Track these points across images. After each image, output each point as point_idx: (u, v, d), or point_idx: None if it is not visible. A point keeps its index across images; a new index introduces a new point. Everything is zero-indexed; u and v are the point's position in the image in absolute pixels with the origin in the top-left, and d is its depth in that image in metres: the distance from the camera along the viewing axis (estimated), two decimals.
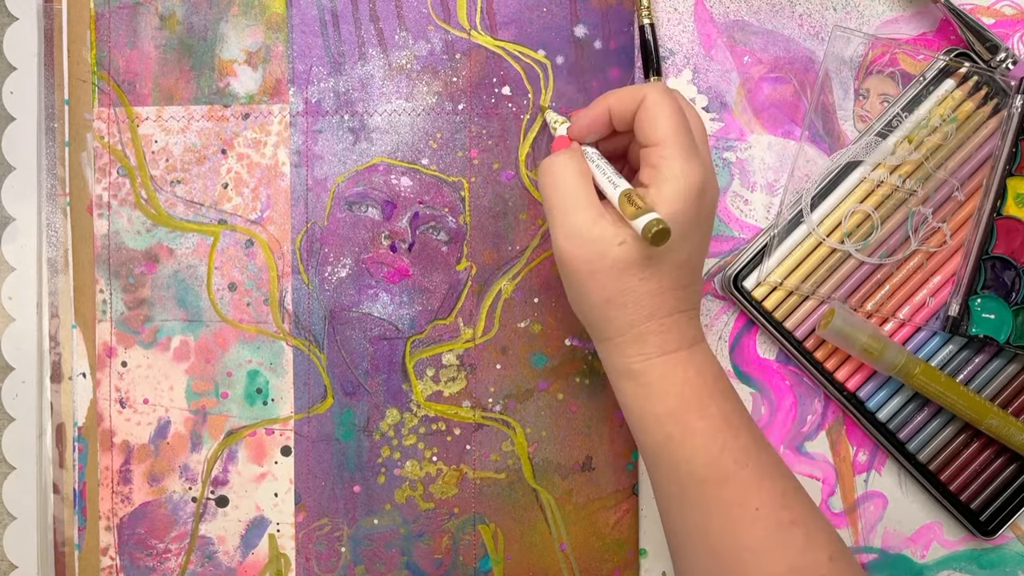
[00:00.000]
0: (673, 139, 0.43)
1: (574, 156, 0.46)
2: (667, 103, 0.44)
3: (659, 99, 0.44)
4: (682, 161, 0.43)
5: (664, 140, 0.43)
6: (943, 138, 0.53)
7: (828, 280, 0.53)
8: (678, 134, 0.43)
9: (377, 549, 0.54)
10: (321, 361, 0.54)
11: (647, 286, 0.43)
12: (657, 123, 0.44)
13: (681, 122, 0.44)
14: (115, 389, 0.54)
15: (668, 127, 0.44)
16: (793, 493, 0.44)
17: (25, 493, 0.54)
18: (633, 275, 0.43)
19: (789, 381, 0.54)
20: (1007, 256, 0.52)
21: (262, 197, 0.54)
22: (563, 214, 0.44)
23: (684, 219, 0.43)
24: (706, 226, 0.45)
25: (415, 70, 0.53)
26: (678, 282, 0.44)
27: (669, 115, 0.44)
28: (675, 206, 0.43)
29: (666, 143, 0.43)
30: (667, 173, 0.43)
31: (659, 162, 0.43)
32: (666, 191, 0.43)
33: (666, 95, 0.44)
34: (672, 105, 0.44)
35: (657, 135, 0.44)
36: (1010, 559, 0.54)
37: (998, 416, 0.51)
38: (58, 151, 0.54)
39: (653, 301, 0.44)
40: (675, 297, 0.44)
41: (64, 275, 0.54)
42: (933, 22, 0.55)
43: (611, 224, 0.43)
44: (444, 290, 0.54)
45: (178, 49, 0.53)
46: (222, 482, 0.54)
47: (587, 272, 0.44)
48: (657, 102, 0.44)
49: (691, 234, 0.44)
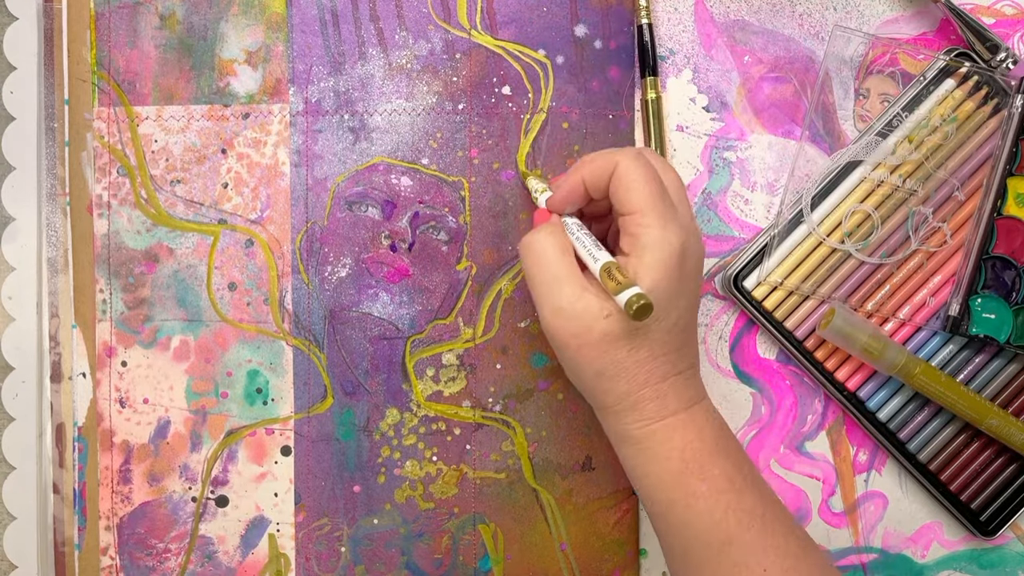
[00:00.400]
0: (649, 206, 0.43)
1: (553, 232, 0.45)
2: (639, 170, 0.44)
3: (631, 167, 0.44)
4: (660, 228, 0.43)
5: (640, 208, 0.43)
6: (943, 138, 0.53)
7: (828, 280, 0.53)
8: (653, 200, 0.43)
9: (377, 549, 0.54)
10: (321, 361, 0.54)
11: (637, 356, 0.43)
12: (631, 192, 0.44)
13: (655, 188, 0.44)
14: (115, 389, 0.54)
15: (642, 195, 0.43)
16: (801, 551, 0.44)
17: (25, 493, 0.54)
18: (621, 347, 0.43)
19: (789, 381, 0.54)
20: (1007, 256, 0.52)
21: (262, 197, 0.54)
22: (547, 291, 0.44)
23: (667, 286, 0.43)
24: (692, 287, 0.45)
25: (415, 70, 0.53)
26: (669, 347, 0.44)
27: (643, 182, 0.43)
28: (656, 275, 0.43)
29: (642, 211, 0.43)
30: (646, 241, 0.43)
31: (637, 231, 0.43)
32: (647, 260, 0.43)
33: (637, 161, 0.44)
34: (645, 171, 0.44)
35: (632, 204, 0.43)
36: (1010, 559, 0.54)
37: (998, 416, 0.51)
38: (58, 151, 0.54)
39: (645, 369, 0.44)
40: (668, 361, 0.44)
41: (64, 275, 0.54)
42: (933, 22, 0.55)
43: (595, 297, 0.43)
44: (444, 290, 0.54)
45: (178, 49, 0.53)
46: (222, 482, 0.54)
47: (576, 347, 0.44)
48: (629, 170, 0.44)
49: (677, 299, 0.44)
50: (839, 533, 0.54)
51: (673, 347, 0.44)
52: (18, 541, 0.53)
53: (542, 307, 0.44)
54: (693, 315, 0.45)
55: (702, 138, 0.54)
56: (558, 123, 0.53)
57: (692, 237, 0.44)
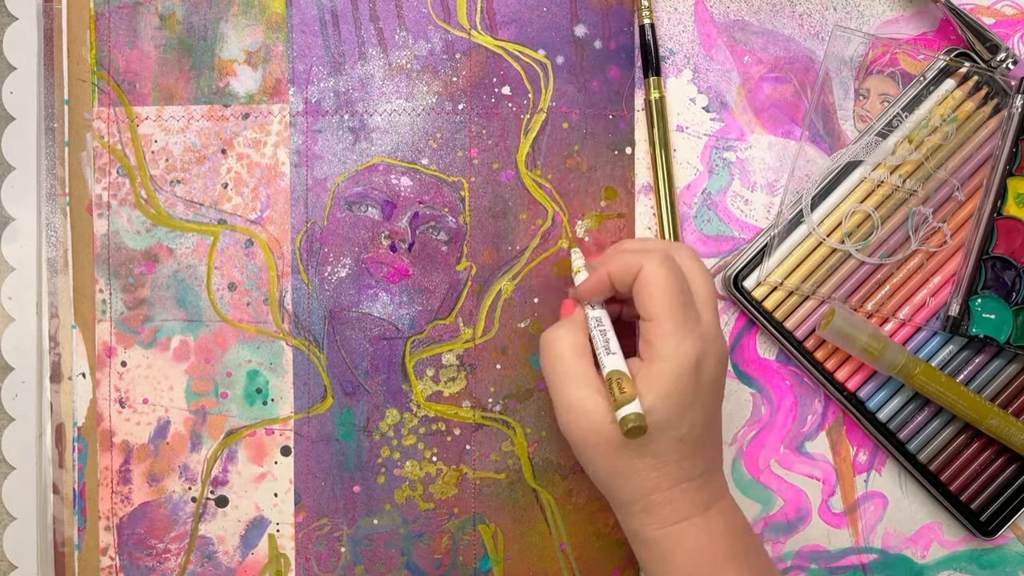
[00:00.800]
0: (667, 316, 0.43)
1: (571, 330, 0.46)
2: (662, 276, 0.43)
3: (654, 272, 0.44)
4: (675, 339, 0.43)
5: (657, 317, 0.43)
6: (943, 138, 0.53)
7: (828, 280, 0.53)
8: (672, 310, 0.43)
9: (377, 549, 0.54)
10: (321, 361, 0.54)
11: (645, 462, 0.43)
12: (651, 299, 0.43)
13: (676, 296, 0.43)
14: (115, 389, 0.54)
15: (661, 304, 0.43)
16: None
17: (25, 493, 0.53)
18: (629, 452, 0.43)
19: (789, 381, 0.54)
20: (1007, 256, 0.52)
21: (262, 197, 0.54)
22: (560, 389, 0.45)
23: (678, 398, 0.43)
24: (708, 397, 0.44)
25: (415, 70, 0.53)
26: (680, 454, 0.44)
27: (664, 290, 0.43)
28: (665, 387, 0.43)
29: (658, 320, 0.43)
30: (659, 351, 0.43)
31: (653, 339, 0.43)
32: (656, 370, 0.43)
33: (663, 266, 0.44)
34: (667, 278, 0.43)
35: (650, 311, 0.43)
36: (1010, 559, 0.54)
37: (998, 416, 0.51)
38: (58, 151, 0.54)
39: (656, 475, 0.44)
40: (680, 468, 0.44)
41: (64, 275, 0.54)
42: (933, 22, 0.55)
43: (604, 400, 0.43)
44: (444, 290, 0.54)
45: (178, 49, 0.53)
46: (222, 482, 0.54)
47: (587, 445, 0.44)
48: (651, 276, 0.44)
49: (689, 409, 0.43)
50: (839, 533, 0.54)
51: (686, 454, 0.44)
52: (18, 541, 0.53)
53: (556, 403, 0.45)
54: (710, 423, 0.45)
55: (702, 138, 0.54)
56: (558, 123, 0.53)
57: (712, 346, 0.44)
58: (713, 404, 0.45)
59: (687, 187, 0.54)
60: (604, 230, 0.54)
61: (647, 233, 0.54)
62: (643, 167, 0.54)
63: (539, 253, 0.53)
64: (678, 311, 0.43)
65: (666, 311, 0.43)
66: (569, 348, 0.45)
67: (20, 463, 0.54)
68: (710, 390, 0.44)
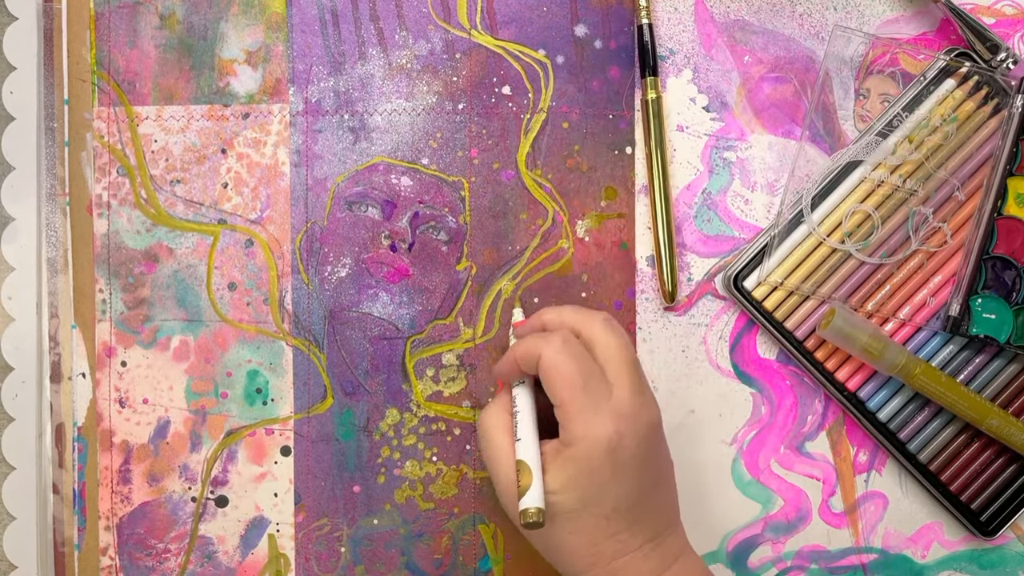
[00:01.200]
0: (570, 401, 0.43)
1: (496, 412, 0.46)
2: (560, 363, 0.43)
3: (551, 359, 0.43)
4: (582, 423, 0.42)
5: (562, 403, 0.43)
6: (944, 138, 0.53)
7: (828, 280, 0.53)
8: (573, 396, 0.43)
9: (377, 549, 0.54)
10: (321, 361, 0.53)
11: (577, 539, 0.43)
12: (553, 386, 0.43)
13: (576, 382, 0.43)
14: (115, 389, 0.54)
15: (562, 390, 0.43)
16: None
17: (25, 493, 0.53)
18: (560, 528, 0.43)
19: (789, 381, 0.54)
20: (1008, 256, 0.52)
21: (262, 197, 0.54)
22: (491, 469, 0.45)
23: (592, 479, 0.42)
24: (633, 470, 0.43)
25: (415, 70, 0.53)
26: (612, 531, 0.43)
27: (564, 377, 0.43)
28: (578, 470, 0.42)
29: (564, 406, 0.43)
30: (570, 435, 0.43)
31: (563, 423, 0.43)
32: (568, 454, 0.43)
33: (561, 352, 0.43)
34: (566, 364, 0.43)
35: (555, 398, 0.43)
36: (1010, 559, 0.54)
37: (999, 416, 0.51)
38: (58, 151, 0.54)
39: (592, 551, 0.43)
40: (617, 542, 0.43)
41: (64, 275, 0.54)
42: (934, 22, 0.55)
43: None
44: (444, 290, 0.54)
45: (178, 49, 0.53)
46: (222, 482, 0.54)
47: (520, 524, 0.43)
48: (549, 363, 0.43)
49: (609, 488, 0.43)
50: (839, 533, 0.54)
51: (619, 528, 0.43)
52: (18, 541, 0.53)
53: (493, 481, 0.46)
54: (648, 491, 0.44)
55: (702, 138, 0.54)
56: (558, 123, 0.53)
57: (629, 421, 0.43)
58: (642, 475, 0.44)
59: (687, 187, 0.54)
60: (604, 230, 0.54)
61: (647, 232, 0.54)
62: (643, 167, 0.54)
63: (539, 253, 0.53)
64: (579, 396, 0.43)
65: (569, 397, 0.43)
66: (493, 428, 0.46)
67: (20, 463, 0.54)
68: (634, 463, 0.43)
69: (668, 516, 0.46)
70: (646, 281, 0.54)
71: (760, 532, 0.54)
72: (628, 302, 0.54)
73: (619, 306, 0.54)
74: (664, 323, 0.54)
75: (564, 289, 0.53)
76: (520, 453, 0.44)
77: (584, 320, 0.46)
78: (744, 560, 0.54)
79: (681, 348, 0.54)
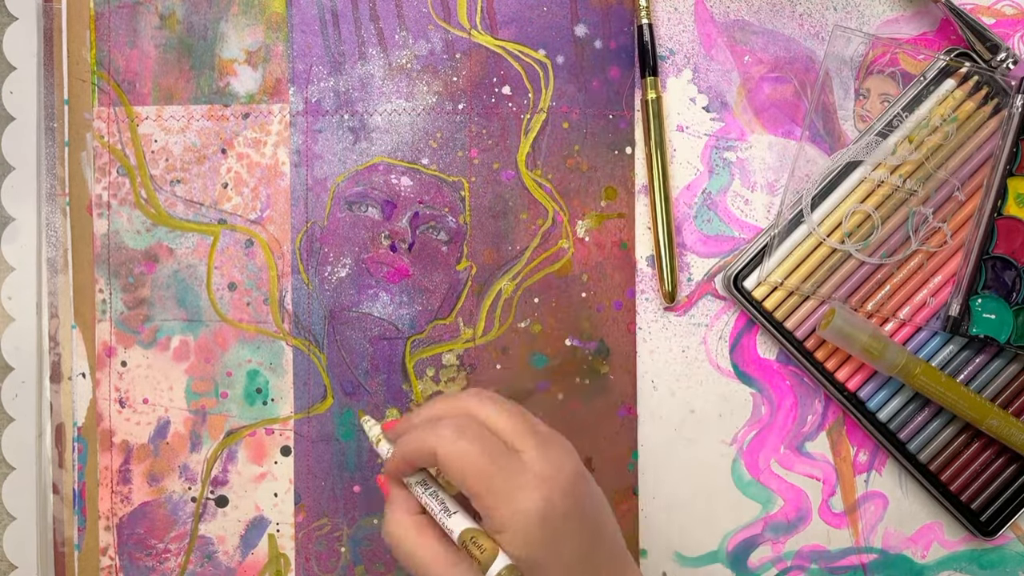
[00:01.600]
0: (486, 491, 0.40)
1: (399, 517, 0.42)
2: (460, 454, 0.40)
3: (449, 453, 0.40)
4: (506, 506, 0.39)
5: (477, 494, 0.40)
6: (944, 138, 0.53)
7: (828, 280, 0.53)
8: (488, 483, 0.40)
9: (377, 549, 0.54)
10: (321, 361, 0.53)
11: None
12: (462, 479, 0.40)
13: (485, 467, 0.40)
14: (115, 389, 0.54)
15: (474, 482, 0.40)
16: None
17: (25, 493, 0.53)
18: None
19: (789, 381, 0.54)
20: (1008, 256, 0.52)
21: (262, 197, 0.54)
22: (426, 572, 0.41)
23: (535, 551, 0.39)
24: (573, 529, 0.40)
25: (415, 70, 0.53)
26: None
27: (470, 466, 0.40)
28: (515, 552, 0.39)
29: (480, 497, 0.40)
30: (495, 523, 0.40)
31: (485, 513, 0.40)
32: (500, 540, 0.39)
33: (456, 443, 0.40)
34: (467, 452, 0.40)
35: (467, 490, 0.40)
36: (1010, 559, 0.54)
37: (999, 416, 0.51)
38: (58, 151, 0.54)
39: None
40: None
41: (64, 275, 0.54)
42: (933, 22, 0.55)
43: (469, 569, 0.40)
44: (444, 290, 0.54)
45: (178, 49, 0.53)
46: (222, 482, 0.54)
47: None
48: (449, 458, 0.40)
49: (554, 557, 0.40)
50: (839, 533, 0.54)
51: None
52: (18, 541, 0.53)
53: None
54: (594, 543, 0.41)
55: (702, 138, 0.54)
56: (558, 123, 0.53)
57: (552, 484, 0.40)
58: (582, 525, 0.41)
59: (687, 187, 0.54)
60: (604, 230, 0.54)
61: (647, 232, 0.54)
62: (643, 167, 0.54)
63: (539, 253, 0.53)
64: (494, 480, 0.40)
65: (484, 486, 0.40)
66: (405, 532, 0.42)
67: (20, 463, 0.54)
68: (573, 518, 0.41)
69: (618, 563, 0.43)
70: (646, 281, 0.54)
71: (760, 532, 0.54)
72: (628, 302, 0.54)
73: (619, 306, 0.54)
74: (664, 323, 0.54)
75: (564, 289, 0.53)
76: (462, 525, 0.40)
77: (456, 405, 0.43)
78: (744, 560, 0.54)
79: (681, 348, 0.54)
